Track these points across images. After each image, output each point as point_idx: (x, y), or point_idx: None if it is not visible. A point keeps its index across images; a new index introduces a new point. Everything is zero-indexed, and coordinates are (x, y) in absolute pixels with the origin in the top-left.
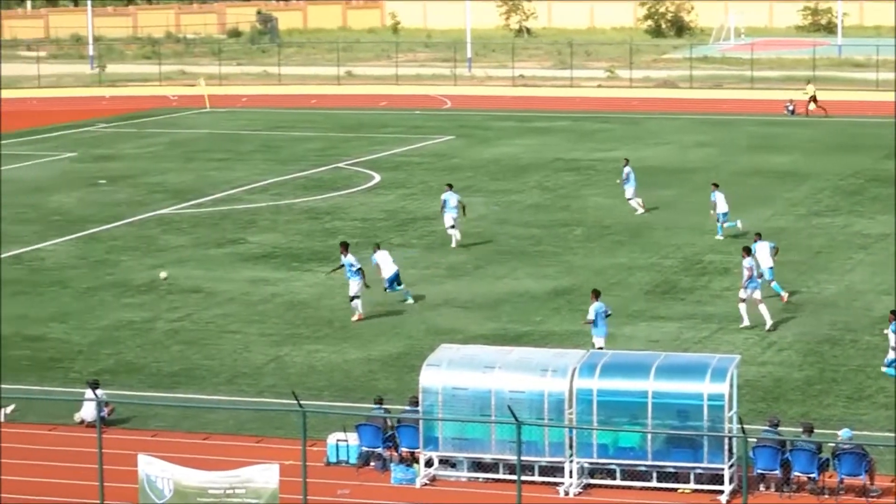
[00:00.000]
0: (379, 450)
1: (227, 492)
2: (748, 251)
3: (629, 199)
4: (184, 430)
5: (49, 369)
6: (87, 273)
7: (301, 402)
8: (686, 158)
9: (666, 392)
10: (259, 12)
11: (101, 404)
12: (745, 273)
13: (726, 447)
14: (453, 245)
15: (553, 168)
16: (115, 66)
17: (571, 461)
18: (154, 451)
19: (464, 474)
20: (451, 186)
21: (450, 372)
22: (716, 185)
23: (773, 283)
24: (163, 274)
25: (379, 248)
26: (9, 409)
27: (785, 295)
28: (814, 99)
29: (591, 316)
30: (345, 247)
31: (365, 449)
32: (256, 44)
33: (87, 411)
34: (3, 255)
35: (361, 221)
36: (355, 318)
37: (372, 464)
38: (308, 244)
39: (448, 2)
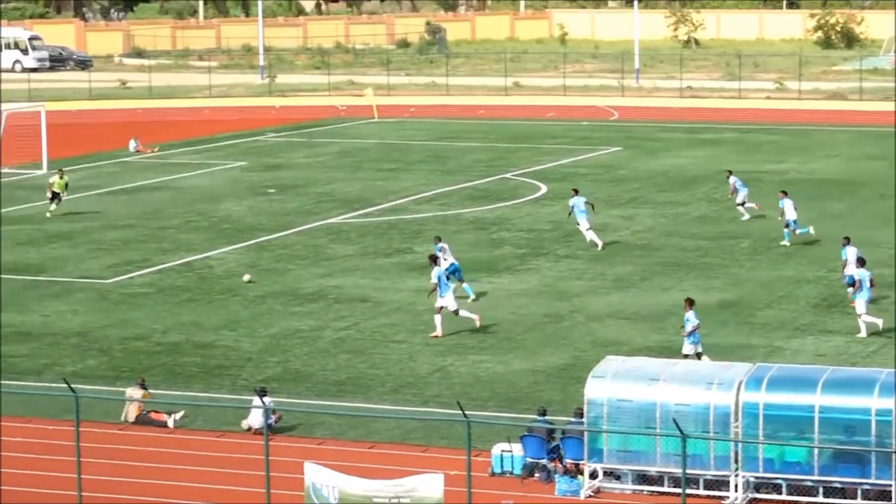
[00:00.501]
0: (543, 461)
1: (392, 501)
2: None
3: (739, 204)
4: (350, 438)
5: (217, 376)
6: (256, 281)
7: (466, 412)
8: (855, 171)
9: (833, 407)
10: (428, 23)
11: (268, 412)
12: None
13: (894, 463)
14: (600, 248)
15: (720, 180)
16: (285, 77)
17: (737, 475)
18: (320, 459)
19: (628, 487)
20: (577, 191)
21: (615, 384)
22: (784, 193)
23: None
24: (246, 277)
25: (440, 240)
26: (178, 416)
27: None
28: None
29: (691, 325)
30: (433, 259)
31: (529, 460)
32: (425, 54)
33: (255, 418)
34: (174, 263)
35: (527, 232)
36: (434, 334)
37: (536, 475)
38: (474, 254)
39: (616, 13)
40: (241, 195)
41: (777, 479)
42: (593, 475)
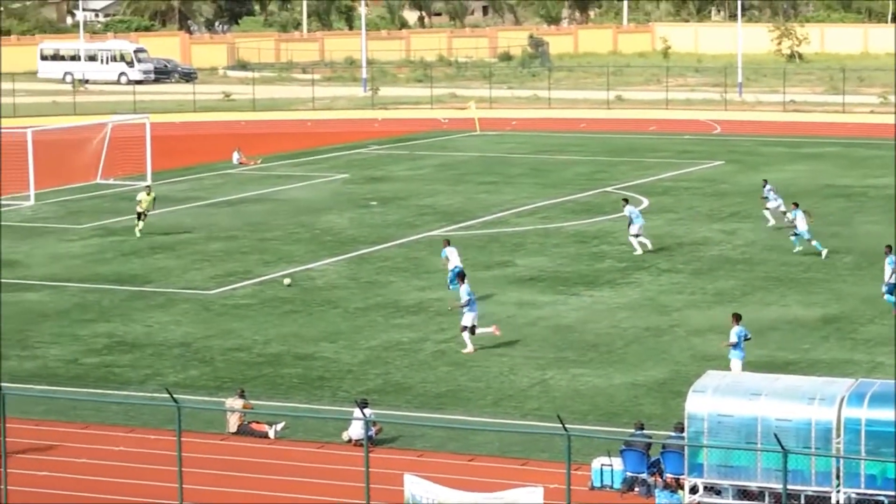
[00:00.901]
0: (643, 475)
1: None
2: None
3: (775, 211)
4: (449, 450)
5: (318, 388)
6: (357, 293)
7: (566, 425)
8: None
9: None
10: (531, 36)
11: (368, 423)
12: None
13: None
14: (639, 252)
15: (823, 194)
16: (388, 89)
17: (838, 491)
18: (420, 471)
19: (729, 502)
20: (627, 201)
21: (716, 398)
22: (796, 205)
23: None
24: (286, 281)
25: (449, 243)
26: (279, 427)
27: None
28: None
29: (732, 339)
30: (461, 277)
31: (629, 474)
32: (527, 67)
33: (355, 430)
34: (276, 274)
35: (628, 246)
36: (466, 350)
37: (636, 489)
38: (575, 268)
39: (720, 27)
40: (343, 207)
41: (879, 495)
42: (693, 490)
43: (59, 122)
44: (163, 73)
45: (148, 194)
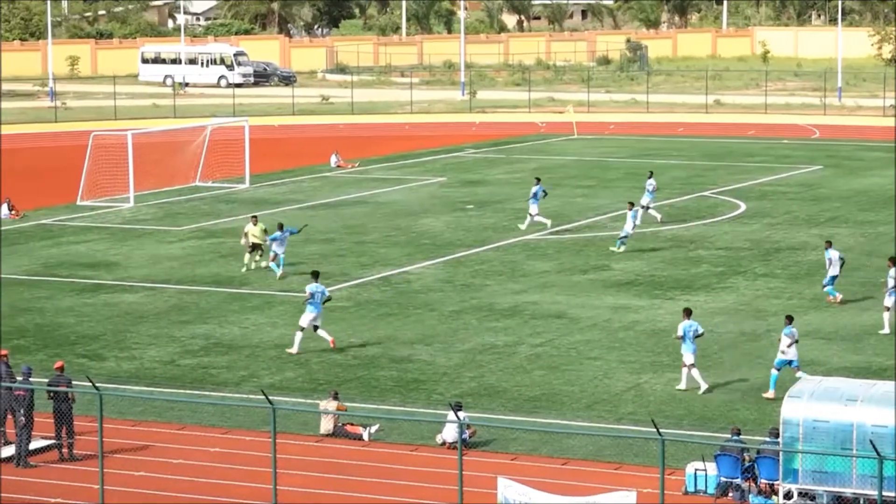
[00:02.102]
0: (737, 480)
1: None
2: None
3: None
4: (543, 454)
5: (413, 390)
6: (452, 296)
7: (660, 429)
8: None
9: None
10: (629, 40)
11: (463, 426)
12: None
13: None
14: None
15: None
16: (486, 93)
17: None
18: (513, 474)
19: None
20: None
21: (811, 404)
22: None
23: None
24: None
25: None
26: (373, 429)
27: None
28: None
29: (679, 332)
30: (315, 274)
31: (723, 479)
32: (625, 71)
33: (449, 433)
34: (372, 277)
35: (725, 250)
36: (291, 350)
37: (730, 494)
38: (671, 272)
39: (819, 31)
40: (440, 211)
41: None
42: (788, 496)
43: (159, 125)
44: (262, 77)
45: (255, 224)
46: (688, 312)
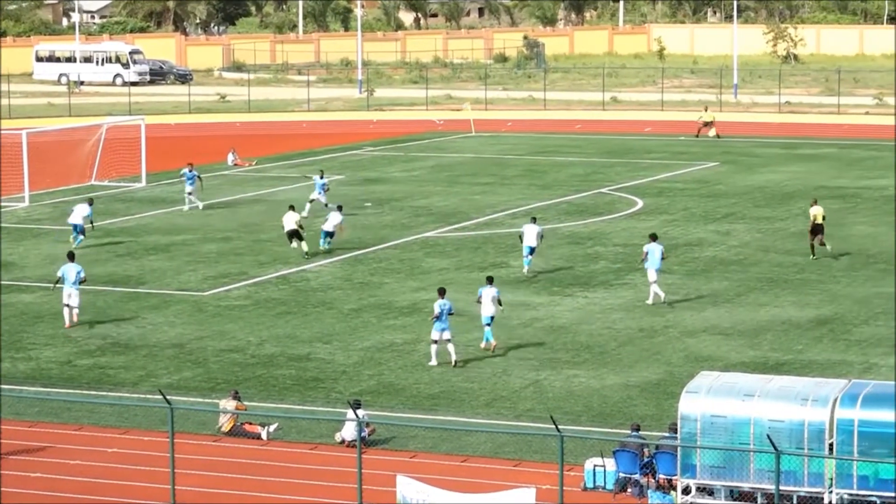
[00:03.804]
0: (636, 476)
1: None
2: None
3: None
4: (442, 451)
5: (311, 389)
6: (351, 294)
7: (559, 426)
8: None
9: None
10: (526, 38)
11: (361, 425)
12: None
13: None
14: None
15: (818, 195)
16: (383, 91)
17: (831, 492)
18: (412, 472)
19: (721, 503)
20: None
21: (709, 399)
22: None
23: None
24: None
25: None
26: (272, 428)
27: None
28: None
29: (436, 310)
30: (441, 292)
31: (622, 475)
32: (522, 69)
33: (348, 431)
34: (270, 275)
35: (623, 247)
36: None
37: (629, 490)
38: (569, 269)
39: (715, 28)
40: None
41: (871, 496)
42: (686, 491)
43: (55, 124)
44: (158, 75)
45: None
46: (441, 291)
